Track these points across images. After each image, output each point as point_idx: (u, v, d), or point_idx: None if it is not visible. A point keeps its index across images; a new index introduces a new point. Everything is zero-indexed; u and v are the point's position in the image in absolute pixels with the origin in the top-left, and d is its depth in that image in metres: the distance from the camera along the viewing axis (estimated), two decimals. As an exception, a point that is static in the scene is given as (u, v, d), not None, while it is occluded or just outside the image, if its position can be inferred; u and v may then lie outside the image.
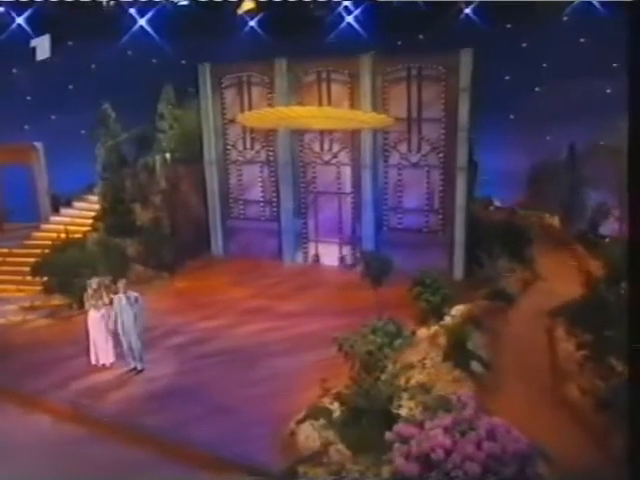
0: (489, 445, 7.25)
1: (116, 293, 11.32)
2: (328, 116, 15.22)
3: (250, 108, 17.41)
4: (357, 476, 8.22)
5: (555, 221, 19.21)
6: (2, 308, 14.89)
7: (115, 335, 11.48)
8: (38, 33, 21.23)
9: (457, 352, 10.64)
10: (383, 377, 8.99)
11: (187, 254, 17.82)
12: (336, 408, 9.58)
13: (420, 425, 8.03)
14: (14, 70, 22.20)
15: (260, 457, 8.84)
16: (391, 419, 9.07)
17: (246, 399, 10.36)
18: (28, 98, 22.46)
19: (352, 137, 16.76)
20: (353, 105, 16.21)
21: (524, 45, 20.10)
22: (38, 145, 19.19)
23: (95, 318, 11.75)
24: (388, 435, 8.06)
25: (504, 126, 20.37)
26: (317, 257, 17.96)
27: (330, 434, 9.04)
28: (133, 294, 11.36)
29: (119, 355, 11.68)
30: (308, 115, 15.22)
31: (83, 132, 22.76)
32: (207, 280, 16.91)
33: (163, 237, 17.19)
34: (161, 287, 15.96)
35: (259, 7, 20.74)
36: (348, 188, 17.28)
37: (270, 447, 9.05)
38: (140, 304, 11.38)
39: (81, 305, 14.49)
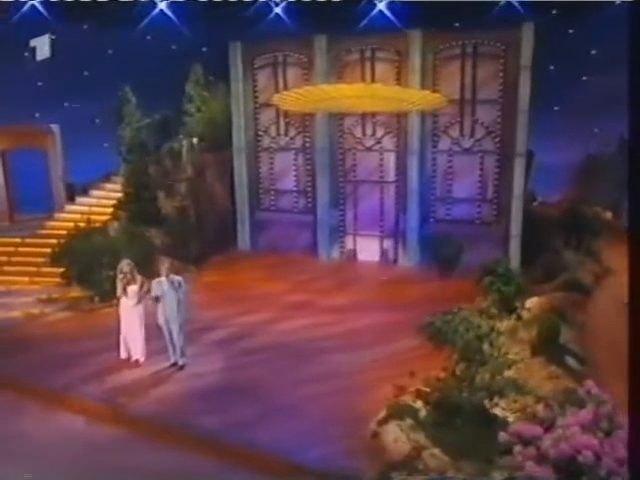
0: (645, 446, 6.00)
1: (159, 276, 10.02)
2: (376, 96, 14.08)
3: (285, 90, 16.19)
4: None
5: (609, 216, 18.08)
6: (17, 300, 13.55)
7: (157, 327, 10.16)
8: (52, 15, 20.23)
9: (548, 347, 9.44)
10: (482, 369, 7.77)
11: (211, 248, 16.48)
12: (420, 407, 8.36)
13: (544, 423, 6.80)
14: (26, 54, 20.98)
15: (339, 461, 7.59)
16: (488, 418, 7.87)
17: (309, 398, 9.16)
18: (39, 84, 21.22)
19: (398, 121, 15.59)
20: (400, 86, 15.06)
21: (571, 32, 19.05)
22: (55, 128, 17.90)
23: (127, 306, 10.41)
24: (503, 436, 6.83)
25: (548, 118, 19.25)
26: (354, 252, 16.71)
27: (420, 436, 7.78)
28: (177, 278, 10.07)
29: (159, 349, 10.38)
30: (354, 94, 14.09)
31: (98, 121, 21.73)
32: (236, 275, 15.63)
33: (189, 228, 15.92)
34: (190, 280, 14.64)
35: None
36: (392, 176, 16.07)
37: (350, 450, 7.79)
38: (184, 290, 10.10)
39: (103, 297, 13.32)
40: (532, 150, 15.60)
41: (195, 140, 16.66)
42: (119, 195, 16.33)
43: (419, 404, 8.41)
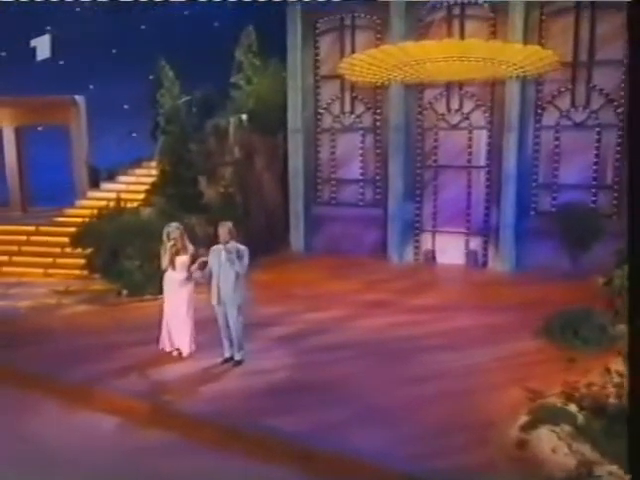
0: None
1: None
2: (468, 56, 12.64)
3: (353, 58, 15.07)
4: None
5: None
6: (30, 291, 12.49)
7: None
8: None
9: None
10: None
11: (259, 247, 15.11)
12: (575, 412, 6.78)
13: None
14: (47, 28, 20.39)
15: (470, 475, 6.05)
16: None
17: (413, 399, 7.74)
18: (61, 62, 20.54)
19: (491, 91, 14.29)
20: (497, 47, 13.80)
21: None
22: (79, 99, 16.97)
23: (173, 283, 9.02)
24: None
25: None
26: (433, 253, 15.23)
27: (586, 448, 6.18)
28: (238, 246, 8.66)
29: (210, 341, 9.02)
30: (441, 55, 12.59)
31: (127, 107, 20.96)
32: (292, 273, 14.31)
33: (236, 218, 14.59)
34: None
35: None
36: (482, 160, 14.66)
37: (485, 461, 6.24)
38: (245, 263, 8.69)
39: (133, 291, 12.10)
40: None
41: (244, 117, 15.53)
42: (152, 180, 15.24)
43: (573, 408, 6.87)
